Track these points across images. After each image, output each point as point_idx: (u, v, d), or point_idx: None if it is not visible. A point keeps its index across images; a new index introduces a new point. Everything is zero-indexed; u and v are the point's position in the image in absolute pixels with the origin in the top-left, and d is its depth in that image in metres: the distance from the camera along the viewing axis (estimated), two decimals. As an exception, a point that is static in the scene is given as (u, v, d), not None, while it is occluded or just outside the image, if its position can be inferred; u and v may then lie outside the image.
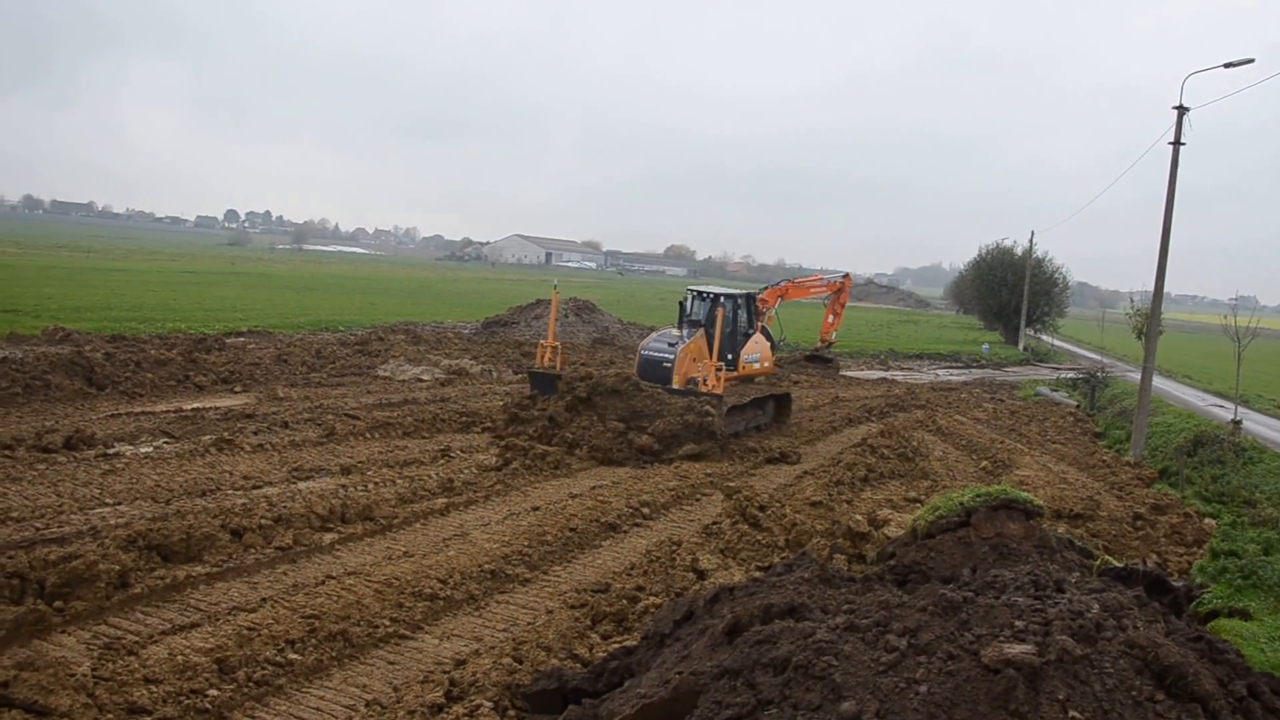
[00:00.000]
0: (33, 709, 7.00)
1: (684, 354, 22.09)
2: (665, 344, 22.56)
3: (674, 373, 21.75)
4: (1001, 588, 5.53)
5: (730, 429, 21.39)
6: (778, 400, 25.10)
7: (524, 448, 18.41)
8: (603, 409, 20.02)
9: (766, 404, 24.48)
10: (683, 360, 22.02)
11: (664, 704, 4.94)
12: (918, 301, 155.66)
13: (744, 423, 22.88)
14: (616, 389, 20.33)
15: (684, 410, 20.02)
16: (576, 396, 20.20)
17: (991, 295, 78.22)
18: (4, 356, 23.04)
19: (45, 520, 12.15)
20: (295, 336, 36.24)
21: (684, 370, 21.95)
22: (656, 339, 23.21)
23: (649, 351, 22.65)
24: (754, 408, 23.59)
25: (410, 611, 10.32)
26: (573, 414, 20.02)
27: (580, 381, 20.62)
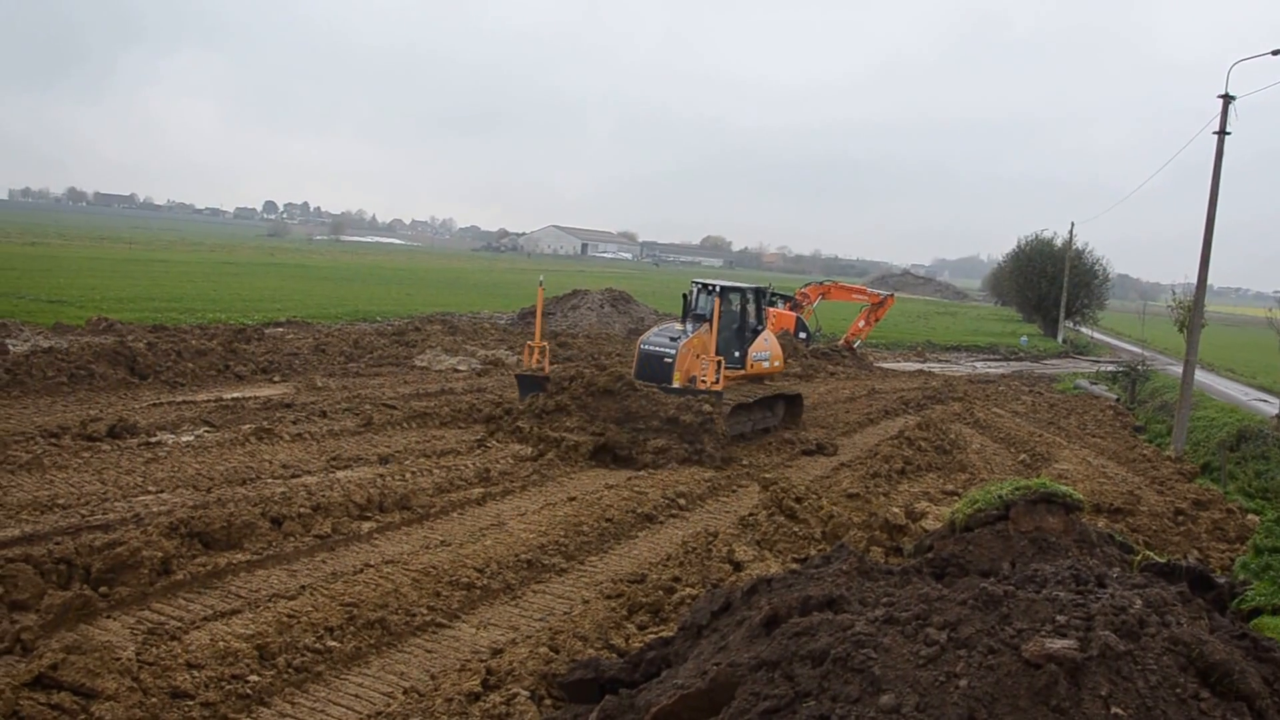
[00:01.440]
0: (80, 691, 7.10)
1: (686, 349, 20.62)
2: (667, 339, 21.16)
3: (675, 369, 20.33)
4: (1042, 582, 5.48)
5: (734, 430, 20.11)
6: (788, 401, 23.28)
7: (556, 439, 18.06)
8: (594, 410, 18.88)
9: (775, 404, 22.72)
10: (685, 356, 20.55)
11: (701, 695, 4.94)
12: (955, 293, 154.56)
13: (750, 424, 21.42)
14: (609, 389, 19.11)
15: (679, 409, 18.75)
16: (572, 395, 19.20)
17: (1030, 287, 77.58)
18: (50, 346, 23.36)
19: (90, 507, 12.32)
20: (333, 327, 36.48)
21: (686, 366, 20.52)
22: (658, 333, 21.81)
23: (649, 346, 21.11)
24: (762, 408, 21.99)
25: (447, 600, 10.38)
26: (562, 416, 18.94)
27: (570, 382, 19.61)
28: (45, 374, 20.58)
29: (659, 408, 18.72)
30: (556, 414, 18.93)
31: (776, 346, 23.90)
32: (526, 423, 18.99)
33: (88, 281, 45.86)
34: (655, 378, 20.12)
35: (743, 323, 22.78)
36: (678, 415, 18.50)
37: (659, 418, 18.55)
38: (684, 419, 18.46)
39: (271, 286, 54.24)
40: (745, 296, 22.97)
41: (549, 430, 18.46)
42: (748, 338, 22.65)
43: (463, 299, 55.98)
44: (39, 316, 30.85)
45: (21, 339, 25.86)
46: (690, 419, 18.46)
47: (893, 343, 53.68)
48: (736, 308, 22.75)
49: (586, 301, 48.32)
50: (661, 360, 20.48)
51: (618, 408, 18.78)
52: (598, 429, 18.32)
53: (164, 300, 40.38)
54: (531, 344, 22.10)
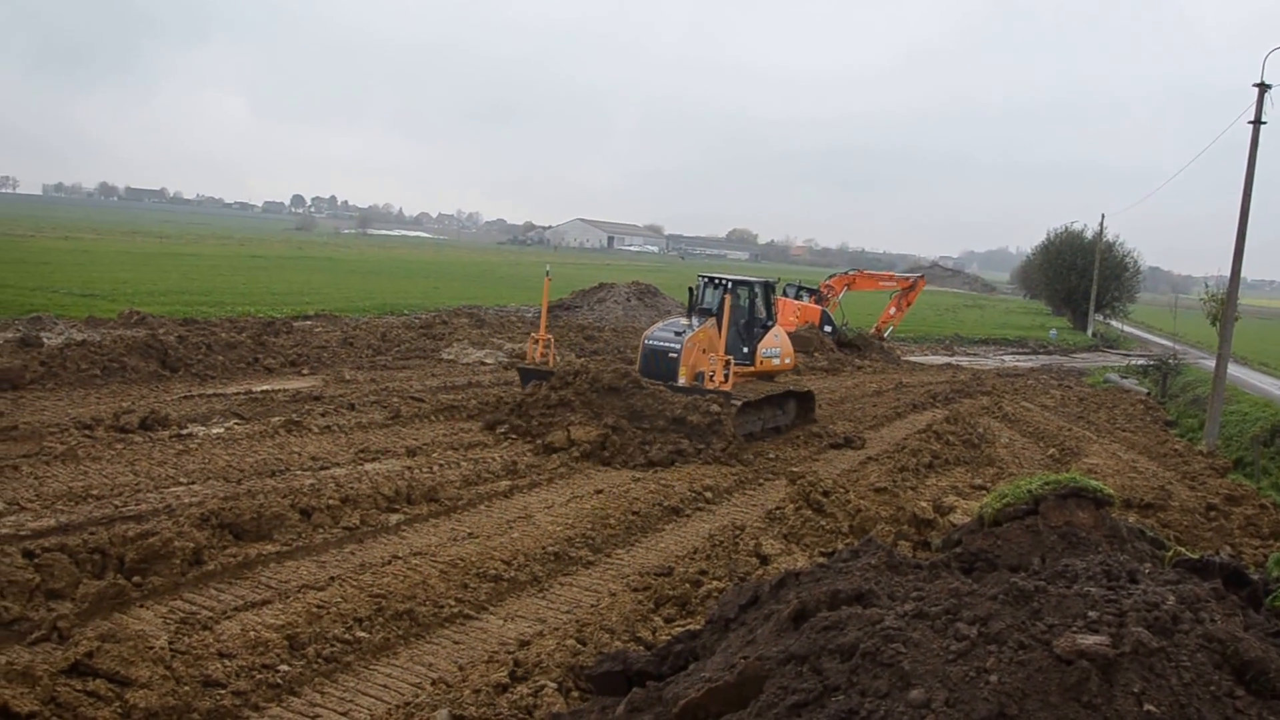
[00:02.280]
0: (115, 679, 7.18)
1: (692, 344, 19.83)
2: (672, 333, 20.25)
3: (680, 364, 19.54)
4: (1073, 577, 5.46)
5: (743, 430, 19.28)
6: (799, 398, 22.21)
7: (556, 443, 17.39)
8: (599, 408, 18.10)
9: (786, 402, 21.74)
10: (690, 351, 19.76)
11: (730, 688, 4.94)
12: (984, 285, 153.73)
13: (760, 423, 20.52)
14: (614, 386, 18.37)
15: (686, 409, 18.04)
16: (576, 391, 18.49)
17: (1060, 279, 77.08)
18: (83, 339, 23.57)
19: (123, 498, 12.43)
20: (361, 320, 36.63)
21: (691, 362, 19.80)
22: (663, 328, 20.89)
23: (654, 341, 20.23)
24: (771, 406, 21.08)
25: (475, 592, 10.42)
26: (565, 412, 18.21)
27: (574, 377, 18.80)
28: (79, 367, 20.77)
29: (666, 406, 18.11)
30: (560, 409, 18.30)
31: (787, 343, 23.25)
32: (523, 419, 18.45)
33: (119, 275, 46.25)
34: (660, 374, 19.48)
35: (751, 318, 22.10)
36: (685, 415, 17.89)
37: (665, 417, 17.94)
38: (691, 419, 17.86)
39: (300, 280, 54.54)
40: (754, 291, 22.28)
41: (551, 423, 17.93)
42: (757, 334, 22.00)
43: (489, 292, 56.10)
44: (72, 310, 31.14)
45: (55, 332, 26.12)
46: (698, 419, 17.85)
47: (920, 336, 53.46)
48: (745, 303, 22.07)
49: (613, 295, 48.34)
50: (666, 355, 19.77)
51: (623, 405, 18.13)
52: (601, 428, 17.56)
53: (194, 293, 40.68)
54: (535, 336, 21.63)
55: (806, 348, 36.24)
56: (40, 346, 21.97)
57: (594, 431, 17.38)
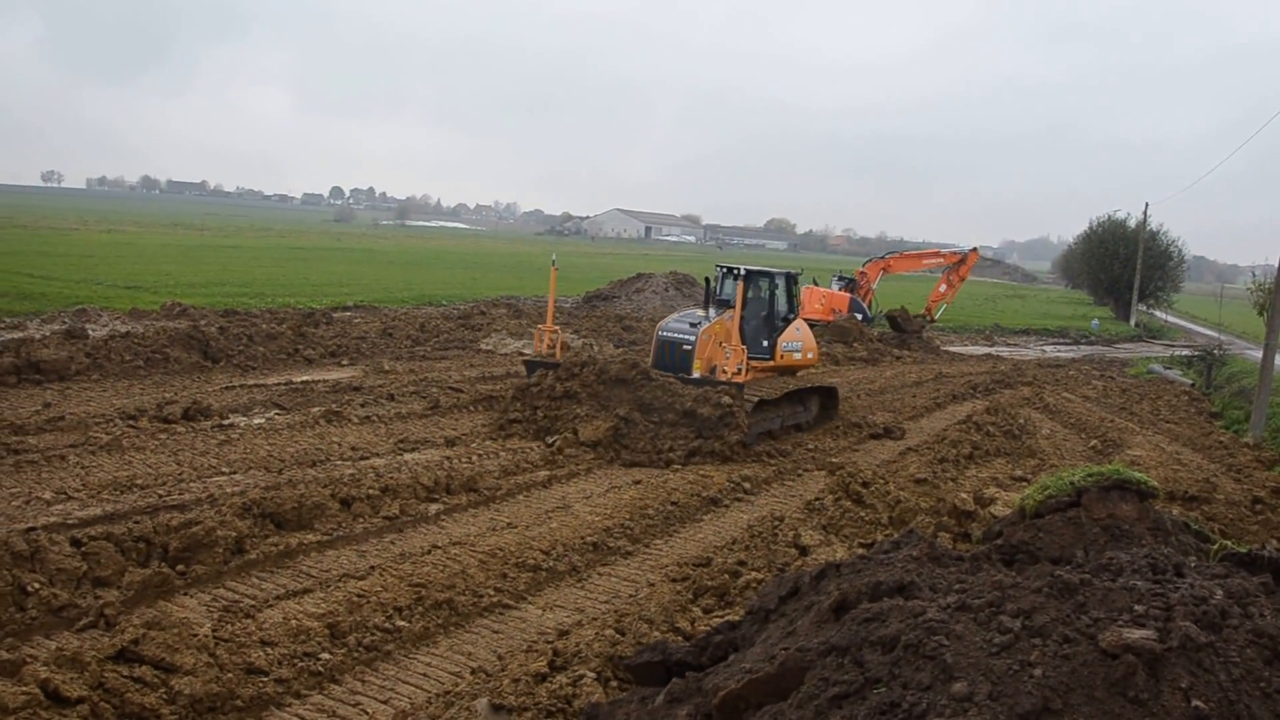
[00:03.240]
0: (160, 665, 7.27)
1: (707, 336, 18.98)
2: (687, 324, 19.40)
3: (694, 357, 18.69)
4: (1117, 570, 5.39)
5: (760, 428, 18.56)
6: (822, 395, 21.37)
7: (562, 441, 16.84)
8: (606, 400, 17.46)
9: (809, 399, 20.84)
10: (705, 344, 18.89)
11: (770, 679, 4.92)
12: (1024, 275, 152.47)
13: (779, 421, 19.63)
14: (622, 378, 17.62)
15: (697, 402, 17.25)
16: (583, 383, 17.81)
17: (1102, 269, 76.18)
18: (127, 331, 23.85)
19: (167, 487, 12.58)
20: (399, 311, 36.81)
21: (706, 355, 18.90)
22: (677, 319, 20.02)
23: (667, 333, 19.35)
24: (792, 404, 20.15)
25: (514, 582, 10.47)
26: (571, 404, 17.65)
27: (581, 368, 18.05)
28: (123, 358, 21.02)
29: (676, 399, 17.31)
30: (565, 400, 17.76)
31: (810, 337, 22.04)
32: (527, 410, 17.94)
33: (162, 267, 46.74)
34: (673, 367, 18.69)
35: (771, 310, 20.99)
36: (695, 408, 17.09)
37: (675, 410, 17.15)
38: (702, 412, 17.03)
39: (339, 271, 54.88)
40: (774, 282, 21.11)
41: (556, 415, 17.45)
42: (778, 326, 20.90)
43: (527, 283, 56.21)
44: (116, 302, 31.50)
45: (100, 324, 26.45)
46: (708, 412, 17.02)
47: (960, 326, 53.08)
48: (765, 294, 21.03)
49: (651, 285, 48.31)
50: (680, 348, 18.92)
51: (631, 398, 17.39)
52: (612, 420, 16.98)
53: (235, 285, 41.04)
54: (542, 328, 20.85)
55: (846, 337, 36.07)
56: (85, 338, 22.24)
57: (603, 426, 16.83)
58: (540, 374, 18.45)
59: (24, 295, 31.47)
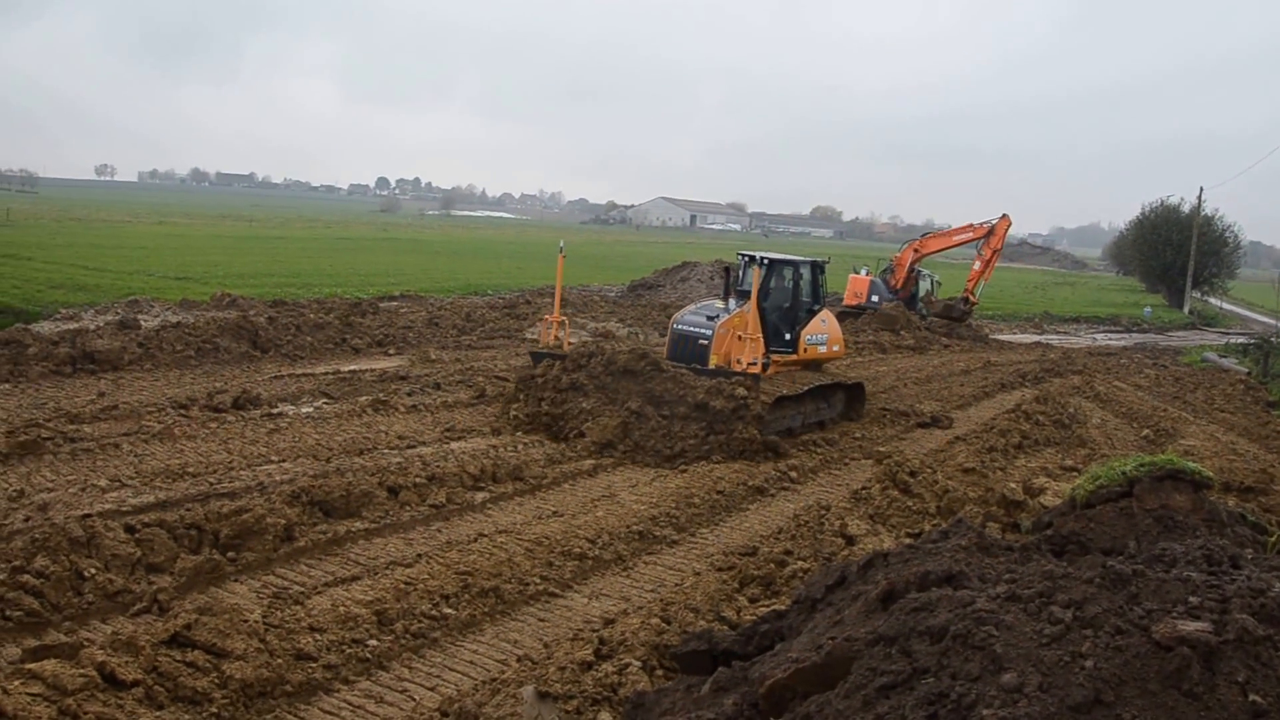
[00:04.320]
0: (212, 650, 7.37)
1: (725, 329, 17.88)
2: (704, 317, 18.32)
3: (711, 351, 17.70)
4: (1171, 561, 5.31)
5: (780, 425, 17.58)
6: (848, 390, 20.23)
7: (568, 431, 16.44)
8: (614, 392, 16.57)
9: (833, 395, 19.72)
10: (723, 338, 17.81)
11: (817, 669, 4.90)
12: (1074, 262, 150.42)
13: (800, 418, 18.52)
14: (630, 369, 16.68)
15: (709, 394, 16.24)
16: (589, 374, 16.97)
17: (1155, 256, 74.92)
18: (177, 321, 24.14)
19: (218, 476, 12.73)
20: (445, 300, 37.01)
21: (725, 349, 17.78)
22: (694, 312, 18.94)
23: (683, 326, 18.39)
24: (815, 400, 19.01)
25: (560, 570, 10.50)
26: (577, 396, 16.82)
27: (588, 359, 17.23)
28: (174, 348, 21.28)
29: (687, 391, 16.31)
30: (571, 392, 16.90)
31: (836, 329, 20.80)
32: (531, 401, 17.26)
33: (211, 258, 47.26)
34: (689, 362, 17.66)
35: (795, 301, 19.80)
36: (708, 400, 16.09)
37: (686, 403, 16.17)
38: (714, 404, 16.04)
39: (385, 261, 55.22)
40: (799, 271, 19.98)
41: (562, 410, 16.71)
42: (801, 318, 19.75)
43: (572, 272, 56.16)
44: (167, 293, 31.89)
45: (152, 314, 26.78)
46: (721, 405, 16.02)
47: (1009, 314, 52.58)
48: (789, 283, 19.93)
49: (695, 273, 48.23)
50: (696, 342, 17.95)
51: (640, 390, 16.47)
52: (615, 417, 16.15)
53: (283, 275, 41.41)
54: (549, 318, 19.90)
55: (893, 325, 35.87)
56: (138, 329, 22.54)
57: (610, 425, 16.05)
58: (546, 364, 17.66)
59: (79, 287, 31.97)
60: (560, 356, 17.74)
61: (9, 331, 20.61)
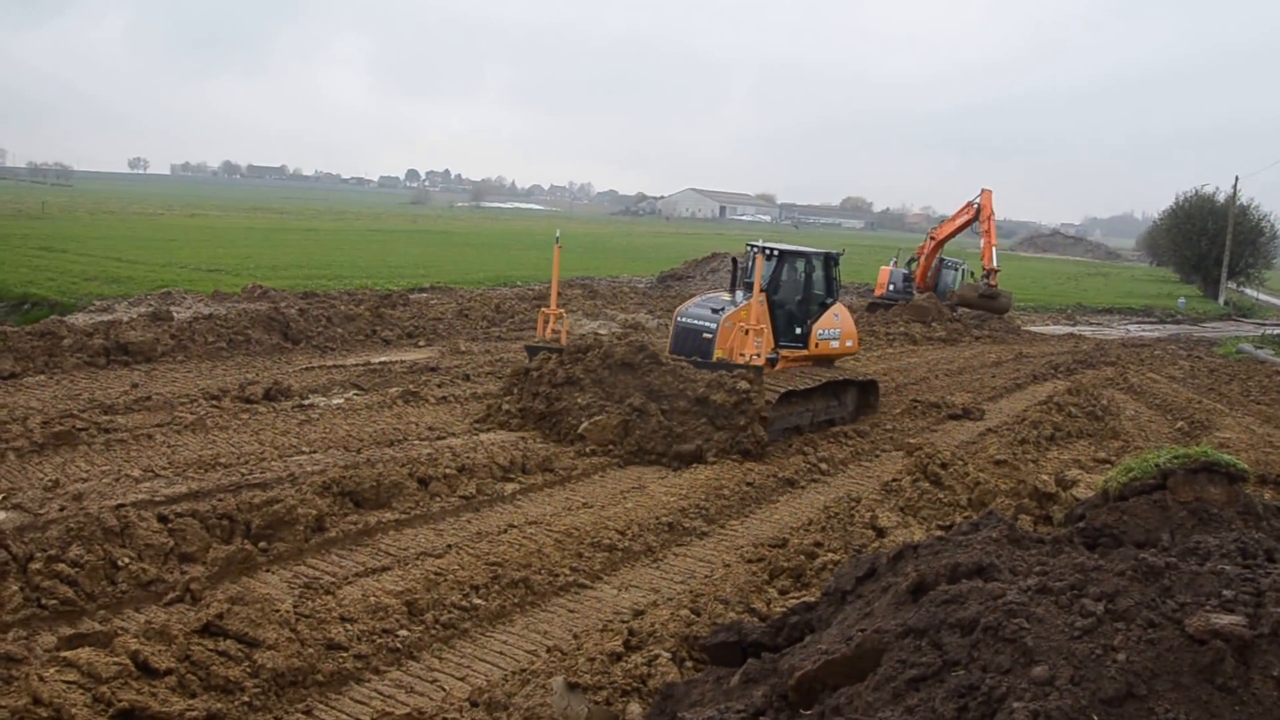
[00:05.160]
0: (243, 639, 7.42)
1: (731, 323, 17.24)
2: (708, 310, 17.69)
3: (715, 345, 17.07)
4: (1205, 554, 5.26)
5: (787, 422, 17.08)
6: (860, 387, 19.54)
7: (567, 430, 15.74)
8: (611, 387, 15.92)
9: (845, 392, 19.04)
10: (728, 332, 17.17)
11: (846, 661, 4.88)
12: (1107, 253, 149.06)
13: (809, 415, 17.88)
14: (627, 362, 15.98)
15: (710, 387, 15.50)
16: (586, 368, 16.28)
17: (1189, 246, 74.21)
18: (210, 313, 24.30)
19: (249, 466, 12.81)
20: (475, 292, 37.06)
21: (730, 344, 17.14)
22: (698, 304, 18.25)
23: (687, 319, 17.72)
24: (825, 397, 18.37)
25: (589, 561, 10.51)
26: (573, 390, 16.14)
27: (585, 352, 16.53)
28: (206, 339, 21.44)
29: (687, 385, 15.60)
30: (567, 387, 16.23)
31: (849, 323, 19.98)
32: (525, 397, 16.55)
33: (243, 250, 47.53)
34: (692, 356, 16.94)
35: (806, 294, 18.98)
36: (708, 394, 15.38)
37: (686, 397, 15.47)
38: (715, 398, 15.29)
39: (415, 253, 55.40)
40: (811, 264, 19.21)
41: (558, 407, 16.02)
42: (813, 312, 18.96)
43: (602, 263, 56.31)
44: (199, 285, 32.11)
45: (184, 306, 26.99)
46: (722, 399, 15.28)
47: (1041, 305, 52.21)
48: (801, 276, 19.12)
49: (725, 264, 48.12)
50: (700, 336, 17.29)
51: (638, 384, 15.79)
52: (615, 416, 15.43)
53: (314, 267, 41.59)
54: (546, 311, 19.04)
55: (924, 317, 35.72)
56: (170, 320, 22.70)
57: (609, 424, 15.32)
58: (542, 357, 17.00)
59: (112, 279, 32.26)
60: (557, 350, 17.10)
61: (44, 323, 20.81)
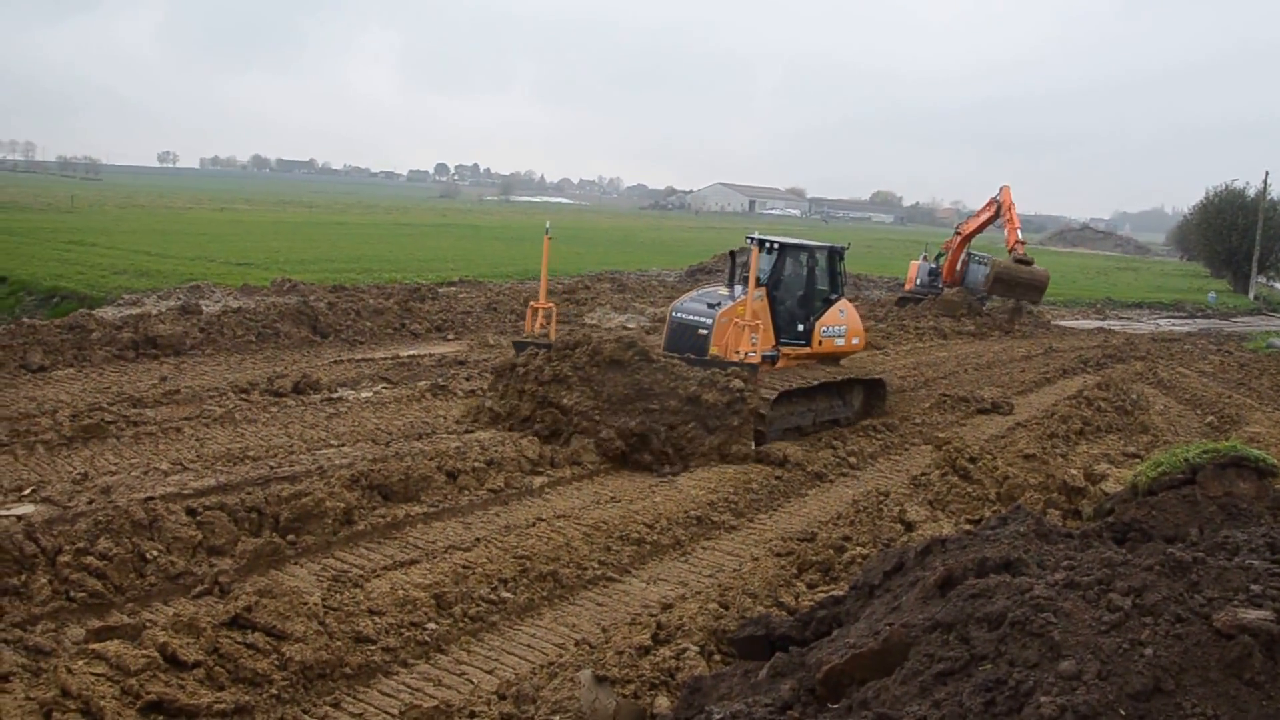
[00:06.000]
0: (272, 632, 7.48)
1: (727, 319, 16.41)
2: (704, 305, 16.84)
3: (711, 341, 16.25)
4: (1234, 549, 5.23)
5: (787, 423, 16.36)
6: (867, 386, 18.68)
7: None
8: (599, 385, 14.97)
9: (850, 391, 18.25)
10: (724, 327, 16.35)
11: (874, 655, 4.89)
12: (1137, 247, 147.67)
13: (811, 415, 17.16)
14: (616, 359, 15.09)
15: (702, 386, 14.76)
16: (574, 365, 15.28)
17: (1219, 240, 73.46)
18: (239, 307, 24.44)
19: (278, 459, 12.88)
20: (504, 285, 37.09)
21: (726, 340, 16.35)
22: (694, 299, 17.43)
23: (682, 314, 16.88)
24: (828, 397, 17.66)
25: (618, 555, 10.53)
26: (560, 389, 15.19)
27: (573, 349, 15.56)
28: (235, 333, 21.57)
29: (679, 384, 14.84)
30: (554, 385, 15.33)
31: (856, 320, 19.04)
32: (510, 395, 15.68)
33: (272, 244, 47.74)
34: (687, 353, 16.13)
35: (809, 289, 18.11)
36: (700, 393, 14.67)
37: (678, 396, 14.71)
38: (707, 398, 14.60)
39: (444, 247, 55.48)
40: (814, 258, 18.34)
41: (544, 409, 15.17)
42: (817, 308, 18.12)
43: (631, 257, 56.29)
44: (228, 278, 32.26)
45: (213, 300, 27.12)
46: (714, 399, 14.62)
47: (1070, 300, 51.85)
48: (803, 270, 18.23)
49: (749, 259, 48.03)
50: (695, 331, 16.47)
51: (627, 383, 14.91)
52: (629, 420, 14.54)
53: (343, 261, 41.70)
54: (535, 304, 18.00)
55: (953, 311, 35.57)
56: (199, 314, 22.85)
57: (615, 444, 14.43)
58: (529, 353, 16.11)
59: (142, 272, 32.47)
60: (546, 345, 16.29)
61: (73, 316, 21.01)
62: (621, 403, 14.72)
